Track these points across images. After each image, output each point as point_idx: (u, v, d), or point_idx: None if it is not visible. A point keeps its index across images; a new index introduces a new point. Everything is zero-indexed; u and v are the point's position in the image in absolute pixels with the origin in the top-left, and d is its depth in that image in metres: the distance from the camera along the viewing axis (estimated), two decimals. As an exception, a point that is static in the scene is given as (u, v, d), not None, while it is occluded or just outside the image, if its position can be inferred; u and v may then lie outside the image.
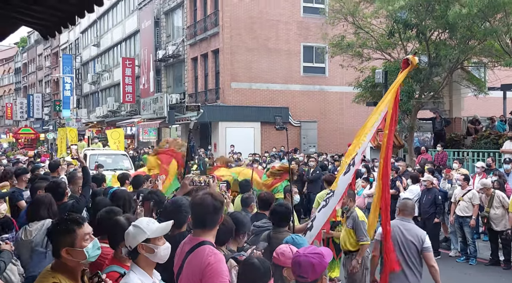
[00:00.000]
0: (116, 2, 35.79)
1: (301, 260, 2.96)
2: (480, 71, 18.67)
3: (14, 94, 65.58)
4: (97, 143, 22.17)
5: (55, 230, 2.65)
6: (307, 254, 2.99)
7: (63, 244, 2.57)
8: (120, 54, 35.05)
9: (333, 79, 23.58)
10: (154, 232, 2.71)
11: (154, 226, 2.73)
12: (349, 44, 16.99)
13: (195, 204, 3.10)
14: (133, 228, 2.73)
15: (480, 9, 12.81)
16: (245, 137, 21.46)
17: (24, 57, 62.10)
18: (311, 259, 2.94)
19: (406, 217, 4.97)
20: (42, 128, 50.23)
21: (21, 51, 62.66)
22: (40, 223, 4.25)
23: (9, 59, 68.67)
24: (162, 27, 28.88)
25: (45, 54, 54.49)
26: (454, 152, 14.61)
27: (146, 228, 2.70)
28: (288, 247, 3.34)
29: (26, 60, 61.47)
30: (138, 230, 2.70)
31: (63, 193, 5.15)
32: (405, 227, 4.87)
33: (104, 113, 36.12)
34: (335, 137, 23.22)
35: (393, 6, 13.85)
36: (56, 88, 49.69)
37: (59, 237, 2.60)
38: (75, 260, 2.58)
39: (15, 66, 66.17)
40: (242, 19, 22.28)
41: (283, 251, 3.31)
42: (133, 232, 2.71)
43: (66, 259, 2.58)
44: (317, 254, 2.99)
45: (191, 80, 25.79)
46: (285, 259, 3.25)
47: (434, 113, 16.32)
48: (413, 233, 4.83)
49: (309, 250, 3.07)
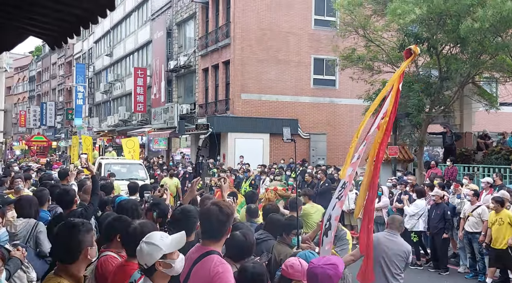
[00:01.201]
0: (129, 13, 36.31)
1: (318, 272, 3.02)
2: (491, 86, 18.53)
3: (28, 102, 66.51)
4: (111, 152, 22.29)
5: (75, 231, 2.73)
6: (323, 265, 3.05)
7: (85, 244, 2.74)
8: (132, 64, 35.46)
9: (343, 92, 23.57)
10: (169, 247, 2.61)
11: (168, 240, 2.63)
12: (360, 57, 17.02)
13: (202, 215, 3.12)
14: (146, 245, 2.60)
15: (492, 24, 12.77)
16: (254, 149, 21.48)
17: (39, 65, 63.08)
18: (327, 271, 3.01)
19: (393, 230, 5.07)
20: (54, 136, 50.79)
21: (36, 60, 63.68)
22: (25, 220, 4.59)
23: (24, 68, 69.77)
24: (174, 38, 29.20)
25: (59, 63, 55.30)
26: (464, 166, 14.47)
27: (161, 244, 2.59)
28: (297, 260, 3.33)
29: (41, 68, 62.43)
30: (153, 247, 2.58)
31: (71, 200, 5.15)
32: (391, 239, 4.99)
33: (115, 123, 36.44)
34: (344, 150, 23.10)
35: (404, 20, 13.86)
36: (69, 97, 50.31)
37: (83, 236, 2.74)
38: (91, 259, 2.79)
39: (30, 74, 67.21)
40: (253, 30, 22.45)
41: (292, 264, 3.29)
42: (148, 249, 2.58)
43: (85, 259, 2.75)
44: (332, 265, 3.06)
45: (201, 91, 25.96)
46: (294, 271, 3.24)
47: (444, 127, 16.21)
48: (400, 247, 4.92)
49: (323, 261, 3.13)
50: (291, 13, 22.99)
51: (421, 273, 9.83)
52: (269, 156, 22.04)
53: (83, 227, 2.80)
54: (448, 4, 13.52)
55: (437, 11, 13.87)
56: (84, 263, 2.81)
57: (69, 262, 2.73)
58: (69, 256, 2.74)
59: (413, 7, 13.55)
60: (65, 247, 2.75)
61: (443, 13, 14.05)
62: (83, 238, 2.76)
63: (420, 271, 9.96)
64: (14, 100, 69.63)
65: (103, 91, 41.32)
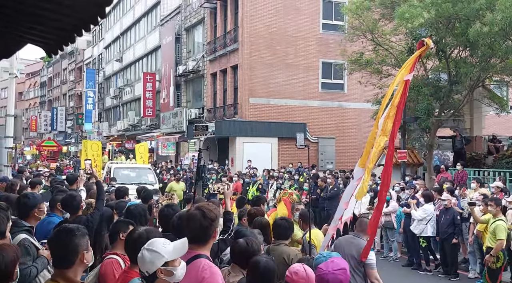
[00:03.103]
0: (139, 19, 36.62)
1: (329, 278, 3.04)
2: (502, 90, 18.38)
3: (39, 107, 67.22)
4: (120, 156, 22.45)
5: (70, 236, 2.74)
6: (334, 271, 3.08)
7: (81, 248, 2.75)
8: (141, 69, 35.72)
9: (351, 96, 23.51)
10: (171, 254, 2.58)
11: (170, 247, 2.60)
12: (368, 61, 16.97)
13: (186, 219, 3.10)
14: (148, 252, 2.57)
15: (502, 28, 12.67)
16: (262, 153, 21.47)
17: (50, 71, 63.77)
18: (338, 276, 3.04)
19: (359, 233, 5.12)
20: (64, 141, 51.23)
21: (47, 66, 64.39)
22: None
23: (35, 74, 70.57)
24: (183, 43, 29.37)
25: (69, 68, 55.89)
26: (474, 171, 14.33)
27: (163, 251, 2.56)
28: (301, 267, 3.30)
29: (51, 74, 63.10)
30: (155, 254, 2.56)
31: (77, 206, 5.15)
32: (353, 241, 5.03)
33: (125, 127, 36.68)
34: (353, 154, 23.03)
35: (412, 24, 13.80)
36: (79, 102, 50.77)
37: (79, 241, 2.75)
38: (87, 264, 2.78)
39: (41, 80, 67.96)
40: (261, 35, 22.51)
41: (297, 271, 3.26)
42: (150, 256, 2.56)
43: (81, 264, 2.76)
44: (342, 269, 3.09)
45: (210, 95, 26.06)
46: (298, 278, 3.21)
47: (454, 131, 16.08)
48: (357, 248, 4.93)
49: (332, 266, 3.14)
50: (299, 17, 23.01)
51: (431, 278, 9.74)
52: (278, 160, 22.02)
53: (78, 232, 2.81)
54: (456, 8, 13.45)
55: (446, 15, 13.80)
56: (80, 268, 2.82)
57: (65, 267, 2.74)
58: (65, 261, 2.74)
59: (421, 11, 13.49)
60: (61, 252, 2.76)
61: (451, 17, 13.98)
62: (79, 242, 2.77)
63: (430, 276, 9.87)
64: (25, 106, 70.45)
65: (112, 96, 41.65)
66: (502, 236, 7.69)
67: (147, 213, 5.06)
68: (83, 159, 20.01)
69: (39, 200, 4.65)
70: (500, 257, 7.77)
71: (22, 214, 4.44)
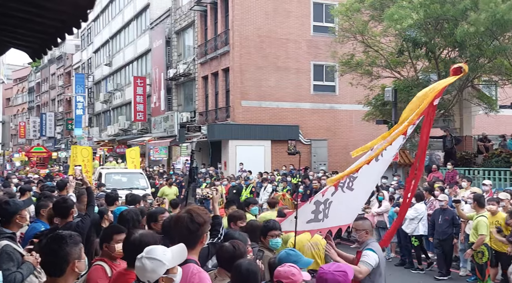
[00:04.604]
0: (128, 22, 36.49)
1: (328, 277, 3.08)
2: (490, 89, 18.62)
3: (27, 113, 66.62)
4: (111, 162, 22.28)
5: (62, 244, 2.71)
6: (333, 272, 3.12)
7: (73, 257, 2.70)
8: (131, 73, 35.56)
9: (343, 98, 23.64)
10: (172, 262, 2.58)
11: (170, 254, 2.60)
12: (359, 62, 17.11)
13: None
14: (149, 261, 2.55)
15: (488, 28, 12.84)
16: (255, 156, 21.48)
17: (38, 76, 63.26)
18: (337, 277, 3.08)
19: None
20: (54, 147, 50.82)
21: (35, 71, 63.87)
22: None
23: (23, 79, 69.96)
24: (173, 46, 29.32)
25: (58, 73, 55.46)
26: (465, 170, 14.48)
27: (164, 259, 2.55)
28: (290, 267, 3.32)
29: (40, 79, 62.59)
30: (157, 262, 2.54)
31: (68, 211, 5.12)
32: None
33: (116, 132, 36.48)
34: (345, 155, 23.15)
35: (401, 25, 13.95)
36: (69, 107, 50.41)
37: (71, 249, 2.71)
38: (79, 272, 2.74)
39: (29, 85, 67.38)
40: (252, 37, 22.56)
41: (292, 272, 3.27)
42: (152, 265, 2.54)
43: (72, 273, 2.71)
44: (342, 272, 3.12)
45: (201, 99, 26.03)
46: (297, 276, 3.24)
47: (444, 131, 16.25)
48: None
49: (333, 267, 3.19)
50: (290, 19, 23.11)
51: (423, 277, 9.81)
52: (271, 163, 22.05)
53: (71, 240, 2.75)
54: (444, 9, 13.62)
55: (434, 16, 13.97)
56: (72, 277, 2.76)
57: (57, 276, 2.69)
58: (56, 270, 2.69)
59: (410, 12, 13.64)
60: (52, 260, 2.71)
61: (440, 17, 14.15)
62: (70, 251, 2.71)
63: (422, 275, 9.94)
64: (13, 112, 69.75)
65: (102, 100, 41.41)
66: (483, 231, 7.92)
67: (140, 216, 5.06)
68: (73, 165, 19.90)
69: (21, 206, 4.60)
70: (485, 252, 8.01)
71: (3, 221, 4.40)
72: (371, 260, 4.51)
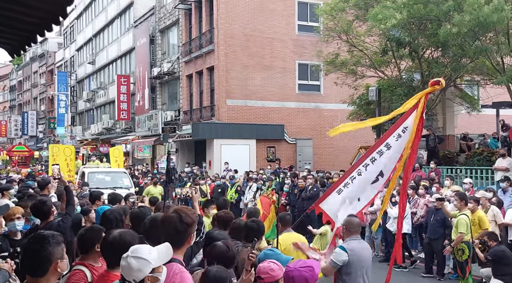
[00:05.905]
0: (111, 20, 36.12)
1: (295, 275, 3.15)
2: (473, 89, 18.89)
3: (8, 111, 65.52)
4: (94, 161, 22.03)
5: (44, 244, 2.67)
6: (299, 268, 3.18)
7: (55, 257, 2.69)
8: (115, 72, 35.22)
9: (328, 97, 23.75)
10: (157, 261, 2.60)
11: (155, 253, 2.61)
12: (343, 62, 17.20)
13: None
14: (135, 260, 2.56)
15: (471, 29, 13.02)
16: (240, 155, 21.47)
17: (19, 74, 62.26)
18: (303, 273, 3.14)
19: (356, 235, 4.91)
20: (36, 146, 50.06)
21: (16, 69, 62.85)
22: None
23: (4, 77, 68.79)
24: (158, 45, 29.12)
25: (40, 71, 54.65)
26: (447, 168, 14.65)
27: (150, 258, 2.57)
28: (269, 262, 3.34)
29: (21, 77, 61.61)
30: (143, 261, 2.55)
31: (48, 212, 5.07)
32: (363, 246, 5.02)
33: (99, 131, 36.10)
34: (330, 154, 23.29)
35: (385, 25, 14.06)
36: (51, 106, 49.71)
37: (53, 249, 2.68)
38: (61, 272, 2.72)
39: (10, 83, 66.29)
40: (237, 36, 22.51)
41: (271, 267, 3.29)
42: (138, 264, 2.55)
43: (55, 273, 2.69)
44: (309, 267, 3.19)
45: (186, 98, 25.89)
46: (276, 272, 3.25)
47: (427, 130, 16.40)
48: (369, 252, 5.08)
49: (299, 264, 3.26)
50: (275, 18, 23.12)
51: (407, 275, 9.90)
52: (256, 162, 22.05)
53: (53, 240, 2.74)
54: (427, 9, 13.76)
55: (418, 16, 14.10)
56: (54, 277, 2.76)
57: (39, 276, 2.68)
58: (38, 270, 2.68)
59: (393, 12, 13.75)
60: (34, 260, 2.70)
61: (423, 17, 14.29)
62: (52, 251, 2.71)
63: (406, 273, 10.03)
64: (-6, 110, 68.56)
65: (86, 99, 40.96)
66: (462, 230, 8.07)
67: (123, 216, 5.00)
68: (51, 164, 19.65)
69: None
70: (465, 249, 8.15)
71: None
72: (337, 257, 4.52)
